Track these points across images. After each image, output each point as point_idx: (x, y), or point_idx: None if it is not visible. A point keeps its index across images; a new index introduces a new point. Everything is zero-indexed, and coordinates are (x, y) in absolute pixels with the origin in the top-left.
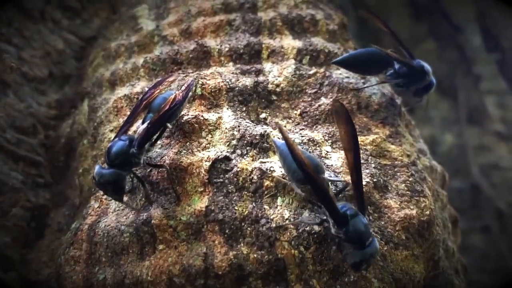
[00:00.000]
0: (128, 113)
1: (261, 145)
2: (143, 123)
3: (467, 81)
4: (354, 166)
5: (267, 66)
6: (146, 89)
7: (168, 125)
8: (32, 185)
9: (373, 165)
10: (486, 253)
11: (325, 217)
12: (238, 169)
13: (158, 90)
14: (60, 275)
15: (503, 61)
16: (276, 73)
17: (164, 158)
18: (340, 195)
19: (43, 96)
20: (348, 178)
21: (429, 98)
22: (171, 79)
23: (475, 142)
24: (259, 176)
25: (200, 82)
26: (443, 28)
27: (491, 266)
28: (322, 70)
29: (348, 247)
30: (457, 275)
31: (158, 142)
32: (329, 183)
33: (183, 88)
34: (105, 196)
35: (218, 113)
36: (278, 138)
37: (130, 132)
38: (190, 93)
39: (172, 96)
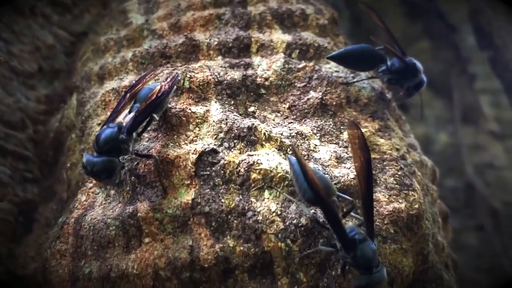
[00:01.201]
0: None
1: (249, 138)
2: (129, 113)
3: (462, 80)
4: (366, 192)
5: (256, 60)
6: (134, 82)
7: (155, 116)
8: (20, 179)
9: None
10: (480, 251)
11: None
12: (225, 162)
13: (143, 84)
14: (46, 269)
15: (495, 59)
16: (265, 67)
17: (151, 151)
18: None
19: (32, 91)
20: (340, 173)
21: (423, 97)
22: (156, 72)
23: (469, 141)
24: (246, 168)
25: (188, 75)
26: (438, 28)
27: (485, 264)
28: (311, 64)
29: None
30: (447, 270)
31: (146, 135)
32: (339, 205)
33: (169, 79)
34: (92, 190)
35: (206, 106)
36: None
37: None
38: (176, 85)
39: (158, 87)
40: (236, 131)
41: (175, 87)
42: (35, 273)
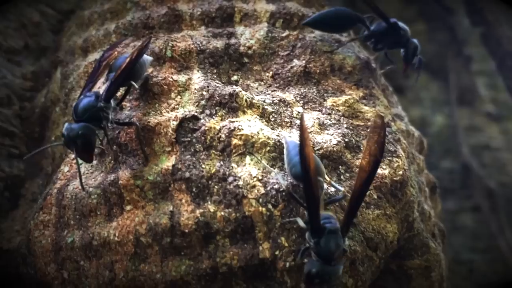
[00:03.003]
0: None
1: (230, 105)
2: (106, 82)
3: (458, 62)
4: (361, 187)
5: (239, 29)
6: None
7: (135, 84)
8: (6, 155)
9: (345, 125)
10: (476, 232)
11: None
12: (206, 128)
13: (116, 52)
14: (30, 240)
15: (488, 35)
16: (248, 36)
17: (132, 119)
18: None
19: (18, 67)
20: (322, 139)
21: (417, 75)
22: (127, 41)
23: (465, 123)
24: (227, 134)
25: (170, 45)
26: (434, 10)
27: (481, 245)
28: (295, 32)
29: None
30: (433, 238)
31: (127, 104)
32: (323, 187)
33: (139, 45)
34: (75, 161)
35: (188, 74)
36: (289, 136)
37: None
38: (152, 46)
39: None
40: (217, 98)
41: (148, 51)
42: (19, 246)
